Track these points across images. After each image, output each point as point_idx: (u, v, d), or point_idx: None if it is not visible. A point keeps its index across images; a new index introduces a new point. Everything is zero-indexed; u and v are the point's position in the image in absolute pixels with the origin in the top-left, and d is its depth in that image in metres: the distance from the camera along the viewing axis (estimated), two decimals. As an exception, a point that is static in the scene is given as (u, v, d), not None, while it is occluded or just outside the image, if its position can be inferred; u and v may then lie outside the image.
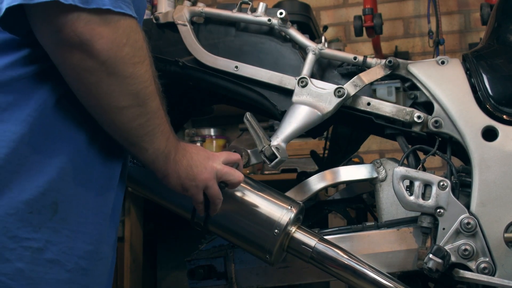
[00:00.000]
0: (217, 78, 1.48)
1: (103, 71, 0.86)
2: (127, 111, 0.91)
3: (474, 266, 1.24)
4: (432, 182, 1.27)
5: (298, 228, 1.28)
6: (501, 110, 1.30)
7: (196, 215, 1.27)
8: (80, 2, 0.82)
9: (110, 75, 0.86)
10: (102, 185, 0.99)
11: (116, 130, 0.96)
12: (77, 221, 0.93)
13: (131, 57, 0.87)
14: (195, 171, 1.11)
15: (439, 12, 2.81)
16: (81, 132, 0.95)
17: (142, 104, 0.93)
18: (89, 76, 0.86)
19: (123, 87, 0.89)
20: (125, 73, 0.87)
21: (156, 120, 0.98)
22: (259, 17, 1.47)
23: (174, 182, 1.10)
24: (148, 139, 0.98)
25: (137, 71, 0.89)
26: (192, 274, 1.44)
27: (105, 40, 0.84)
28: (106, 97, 0.89)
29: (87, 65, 0.85)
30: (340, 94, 1.36)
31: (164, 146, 1.03)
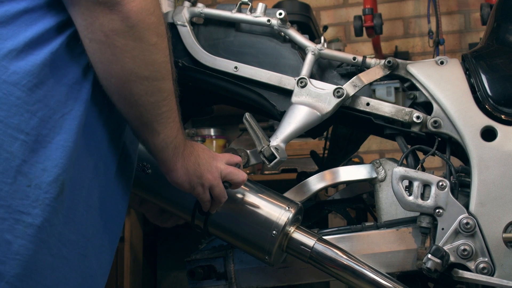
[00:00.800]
0: (216, 79, 1.49)
1: (131, 34, 0.87)
2: (147, 82, 0.92)
3: (473, 266, 1.24)
4: (431, 182, 1.27)
5: (297, 229, 1.28)
6: (500, 110, 1.30)
7: (196, 216, 1.27)
8: None
9: (136, 40, 0.88)
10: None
11: (133, 104, 0.95)
12: (77, 209, 0.93)
13: (156, 26, 0.90)
14: (202, 168, 1.11)
15: (439, 12, 2.81)
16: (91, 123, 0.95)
17: (161, 79, 0.94)
18: (116, 39, 0.87)
19: (147, 55, 0.90)
20: (150, 40, 0.89)
21: (171, 103, 0.98)
22: (259, 18, 1.47)
23: (182, 178, 1.08)
24: (162, 120, 0.98)
25: (160, 43, 0.91)
26: (192, 274, 1.44)
27: (136, 4, 0.86)
28: (130, 63, 0.89)
29: (116, 26, 0.86)
30: (340, 95, 1.36)
31: (175, 136, 1.02)
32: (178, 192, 1.29)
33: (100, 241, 1.02)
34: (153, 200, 1.34)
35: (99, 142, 0.99)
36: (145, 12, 0.87)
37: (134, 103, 0.95)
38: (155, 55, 0.91)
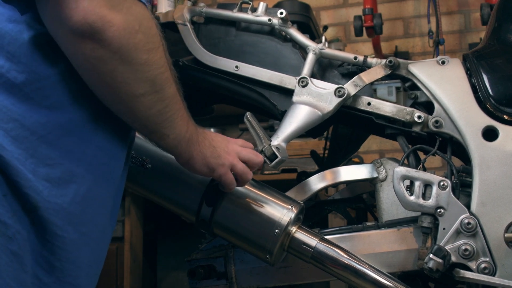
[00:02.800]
0: (217, 78, 1.48)
1: (116, 59, 0.84)
2: (144, 98, 0.90)
3: (474, 266, 1.24)
4: (433, 182, 1.27)
5: (299, 228, 1.28)
6: (501, 110, 1.30)
7: (200, 215, 1.27)
8: None
9: (124, 63, 0.85)
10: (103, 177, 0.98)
11: (135, 119, 0.94)
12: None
13: (144, 43, 0.86)
14: (219, 150, 1.11)
15: (439, 12, 2.81)
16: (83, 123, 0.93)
17: (159, 90, 0.91)
18: (102, 66, 0.84)
19: (138, 75, 0.87)
20: (139, 60, 0.86)
21: (175, 106, 0.97)
22: (260, 17, 1.47)
23: (199, 163, 1.08)
24: (168, 125, 0.97)
25: (152, 58, 0.88)
26: (192, 274, 1.44)
27: (117, 27, 0.82)
28: (122, 86, 0.87)
29: (99, 54, 0.83)
30: (341, 94, 1.36)
31: (185, 131, 1.02)
32: (180, 189, 1.29)
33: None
34: (153, 198, 1.34)
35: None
36: (129, 34, 0.83)
37: (135, 118, 0.94)
38: (148, 72, 0.88)
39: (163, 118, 0.95)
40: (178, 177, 1.29)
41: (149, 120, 0.94)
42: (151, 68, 0.88)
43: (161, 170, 1.29)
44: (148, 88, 0.89)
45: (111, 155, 0.97)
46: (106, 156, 0.96)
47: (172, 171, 1.28)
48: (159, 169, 1.28)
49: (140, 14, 0.85)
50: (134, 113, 0.93)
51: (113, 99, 0.90)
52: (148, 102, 0.91)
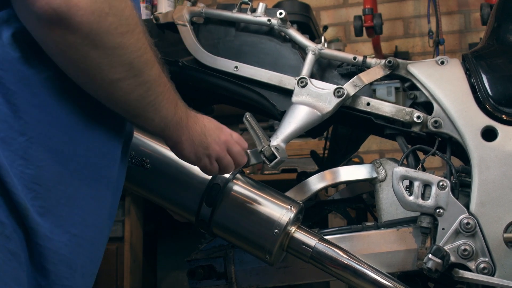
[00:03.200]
0: (217, 78, 1.49)
1: (87, 44, 0.80)
2: (122, 83, 0.86)
3: (473, 266, 1.24)
4: (432, 182, 1.27)
5: (298, 228, 1.28)
6: (500, 110, 1.30)
7: (200, 215, 1.27)
8: None
9: (96, 48, 0.81)
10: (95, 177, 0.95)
11: (115, 105, 0.91)
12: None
13: (116, 26, 0.81)
14: (209, 140, 1.09)
15: (439, 12, 2.81)
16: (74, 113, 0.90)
17: (138, 74, 0.87)
18: (74, 52, 0.80)
19: (112, 59, 0.83)
20: (112, 44, 0.81)
21: (158, 88, 0.92)
22: (259, 17, 1.47)
23: (187, 149, 1.06)
24: (152, 108, 0.93)
25: (126, 41, 0.83)
26: (192, 274, 1.44)
27: (84, 11, 0.77)
28: (97, 72, 0.83)
29: (69, 41, 0.79)
30: (340, 94, 1.36)
31: (173, 113, 0.98)
32: (179, 190, 1.29)
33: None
34: (153, 198, 1.34)
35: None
36: (98, 17, 0.79)
37: (116, 103, 0.91)
38: (123, 56, 0.84)
39: (145, 102, 0.91)
40: (177, 178, 1.29)
41: (130, 105, 0.90)
42: (127, 52, 0.84)
43: (161, 170, 1.29)
44: (125, 72, 0.85)
45: (102, 154, 0.94)
46: (97, 156, 0.93)
47: (171, 172, 1.29)
48: (159, 169, 1.29)
49: None
50: (113, 99, 0.89)
51: (90, 85, 0.87)
52: (126, 87, 0.87)
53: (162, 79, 0.93)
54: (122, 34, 0.82)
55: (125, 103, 0.90)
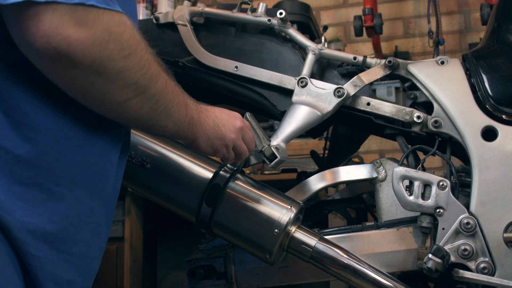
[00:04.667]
0: (217, 78, 1.49)
1: (91, 74, 0.80)
2: (131, 102, 0.87)
3: (473, 266, 1.24)
4: (432, 182, 1.27)
5: (298, 228, 1.28)
6: (500, 110, 1.30)
7: (200, 215, 1.27)
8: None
9: (101, 76, 0.81)
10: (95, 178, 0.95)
11: (127, 121, 0.93)
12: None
13: (118, 51, 0.81)
14: (223, 130, 1.10)
15: (439, 12, 2.81)
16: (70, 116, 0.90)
17: (145, 91, 0.88)
18: (80, 82, 0.81)
19: (118, 83, 0.83)
20: (116, 69, 0.82)
21: (167, 97, 0.93)
22: (259, 17, 1.47)
23: (204, 144, 1.07)
24: (164, 117, 0.94)
25: (130, 62, 0.83)
26: (192, 274, 1.44)
27: (85, 44, 0.77)
28: (105, 96, 0.84)
29: (74, 73, 0.80)
30: (340, 94, 1.36)
31: (185, 115, 0.99)
32: (179, 189, 1.29)
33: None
34: (153, 198, 1.34)
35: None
36: (99, 47, 0.78)
37: (127, 120, 0.93)
38: (128, 77, 0.84)
39: (156, 113, 0.92)
40: (177, 177, 1.29)
41: (142, 119, 0.92)
42: (131, 73, 0.84)
43: (161, 170, 1.29)
44: (132, 92, 0.86)
45: (96, 170, 0.94)
46: (91, 172, 0.93)
47: (172, 171, 1.29)
48: (159, 169, 1.29)
49: (109, 22, 0.80)
50: (125, 117, 0.91)
51: (100, 108, 0.88)
52: (136, 105, 0.88)
53: (169, 87, 0.94)
54: (125, 57, 0.82)
55: (136, 119, 0.91)
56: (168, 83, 0.94)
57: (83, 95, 0.85)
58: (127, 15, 0.84)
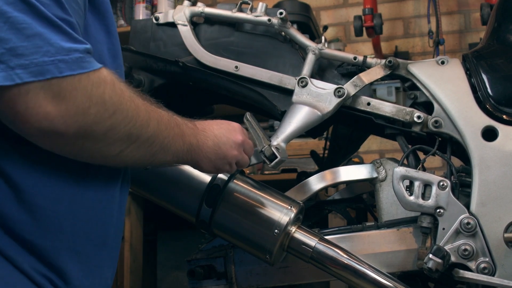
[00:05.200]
0: (217, 78, 1.48)
1: (79, 139, 0.80)
2: (124, 152, 0.86)
3: (474, 266, 1.24)
4: (432, 182, 1.27)
5: (298, 228, 1.28)
6: (501, 110, 1.30)
7: (200, 216, 1.27)
8: (32, 75, 0.73)
9: (89, 139, 0.81)
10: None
11: (126, 165, 0.94)
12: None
13: (103, 112, 0.80)
14: (223, 149, 1.09)
15: (439, 12, 2.81)
16: None
17: (137, 139, 0.87)
18: (69, 148, 0.81)
19: (108, 140, 0.83)
20: (103, 129, 0.81)
21: (161, 136, 0.92)
22: (259, 17, 1.47)
23: (206, 166, 1.07)
24: (161, 154, 0.94)
25: (116, 120, 0.82)
26: (192, 274, 1.44)
27: (66, 117, 0.76)
28: (97, 154, 0.84)
29: (62, 143, 0.80)
30: (340, 94, 1.36)
31: (182, 144, 0.98)
32: (179, 190, 1.29)
33: None
34: (153, 199, 1.34)
35: None
36: (81, 115, 0.77)
37: (125, 165, 0.94)
38: (118, 134, 0.83)
39: (152, 153, 0.92)
40: (177, 178, 1.29)
41: (139, 162, 0.92)
42: (120, 129, 0.83)
43: (161, 171, 1.29)
44: (123, 145, 0.85)
45: (95, 212, 0.95)
46: (92, 215, 0.94)
47: (171, 172, 1.29)
48: (159, 170, 1.29)
49: (87, 87, 0.78)
50: (122, 164, 0.92)
51: (96, 162, 0.88)
52: (130, 153, 0.87)
53: (162, 125, 0.93)
54: (110, 116, 0.81)
55: (134, 163, 0.92)
56: (160, 122, 0.92)
57: (77, 156, 0.85)
58: (106, 67, 0.83)
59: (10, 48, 0.73)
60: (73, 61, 0.76)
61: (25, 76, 0.73)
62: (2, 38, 0.73)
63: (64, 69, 0.75)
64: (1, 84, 0.72)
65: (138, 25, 1.60)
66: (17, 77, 0.73)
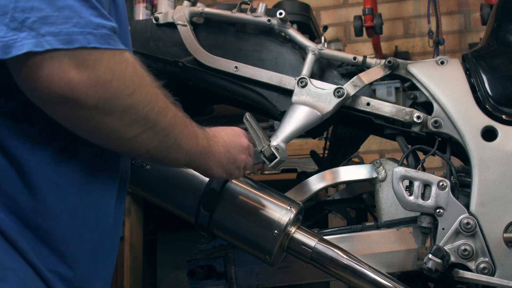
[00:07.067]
0: (217, 78, 1.49)
1: (97, 114, 0.80)
2: (140, 137, 0.86)
3: (473, 266, 1.24)
4: (432, 182, 1.27)
5: (298, 229, 1.28)
6: (500, 110, 1.30)
7: (199, 217, 1.27)
8: (61, 43, 0.75)
9: (107, 115, 0.81)
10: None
11: (138, 155, 0.94)
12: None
13: (122, 89, 0.80)
14: (233, 153, 1.10)
15: (439, 12, 2.81)
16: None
17: (154, 125, 0.87)
18: (86, 122, 0.81)
19: (125, 120, 0.83)
20: (121, 107, 0.81)
21: (176, 129, 0.93)
22: (259, 18, 1.47)
23: (218, 172, 1.08)
24: (175, 149, 0.94)
25: (135, 100, 0.83)
26: (192, 274, 1.44)
27: (88, 86, 0.77)
28: (113, 134, 0.84)
29: (79, 115, 0.79)
30: (340, 94, 1.36)
31: (196, 145, 0.99)
32: (178, 192, 1.29)
33: None
34: (152, 199, 1.34)
35: None
36: (102, 87, 0.78)
37: (137, 155, 0.94)
38: (135, 114, 0.84)
39: (166, 146, 0.92)
40: (176, 179, 1.29)
41: (152, 153, 0.92)
42: (138, 109, 0.84)
43: (160, 172, 1.29)
44: (141, 128, 0.86)
45: (96, 207, 0.95)
46: (92, 211, 0.94)
47: (170, 173, 1.29)
48: (158, 170, 1.29)
49: (110, 61, 0.79)
50: (135, 152, 0.91)
51: (109, 145, 0.88)
52: (145, 140, 0.88)
53: (178, 119, 0.94)
54: (130, 95, 0.82)
55: (147, 153, 0.91)
56: (176, 116, 0.94)
57: (92, 134, 0.85)
58: (128, 49, 0.84)
59: (42, 16, 0.75)
60: (100, 36, 0.78)
61: (54, 43, 0.74)
62: (35, 7, 0.75)
63: (92, 41, 0.77)
64: (31, 50, 0.74)
65: (138, 25, 1.60)
66: (47, 43, 0.74)
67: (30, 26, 0.74)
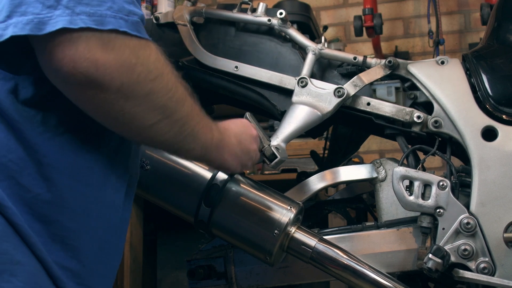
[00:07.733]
0: (217, 78, 1.49)
1: (120, 98, 0.81)
2: (158, 125, 0.87)
3: (473, 266, 1.24)
4: (432, 182, 1.27)
5: (298, 229, 1.28)
6: (500, 110, 1.30)
7: (199, 216, 1.27)
8: (95, 23, 0.76)
9: (129, 99, 0.81)
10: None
11: (154, 144, 0.95)
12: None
13: (146, 74, 0.82)
14: (246, 144, 1.12)
15: (439, 12, 2.81)
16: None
17: (172, 114, 0.88)
18: (109, 106, 0.81)
19: (146, 106, 0.84)
20: (144, 92, 0.82)
21: (193, 120, 0.94)
22: (259, 17, 1.47)
23: (234, 165, 1.09)
24: (191, 140, 0.95)
25: (157, 85, 0.84)
26: (192, 274, 1.44)
27: (113, 68, 0.77)
28: (133, 120, 0.85)
29: (102, 98, 0.80)
30: (340, 94, 1.36)
31: (211, 137, 1.00)
32: (178, 191, 1.29)
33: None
34: (152, 199, 1.34)
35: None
36: (126, 70, 0.79)
37: (153, 144, 0.95)
38: (155, 100, 0.85)
39: (183, 136, 0.93)
40: (176, 179, 1.29)
41: (168, 143, 0.92)
42: (159, 96, 0.85)
43: (160, 171, 1.29)
44: (159, 115, 0.86)
45: (108, 204, 0.96)
46: (104, 207, 0.95)
47: (170, 173, 1.29)
48: (158, 170, 1.29)
49: (136, 46, 0.80)
50: (152, 141, 0.92)
51: (127, 132, 0.89)
52: (163, 128, 0.88)
53: (195, 110, 0.95)
54: (152, 80, 0.83)
55: (163, 142, 0.92)
56: (194, 107, 0.95)
57: (112, 120, 0.85)
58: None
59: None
60: (131, 23, 0.80)
61: (88, 22, 0.76)
62: None
63: (123, 26, 0.79)
64: (66, 26, 0.74)
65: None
66: (81, 21, 0.75)
67: (65, 5, 0.75)
